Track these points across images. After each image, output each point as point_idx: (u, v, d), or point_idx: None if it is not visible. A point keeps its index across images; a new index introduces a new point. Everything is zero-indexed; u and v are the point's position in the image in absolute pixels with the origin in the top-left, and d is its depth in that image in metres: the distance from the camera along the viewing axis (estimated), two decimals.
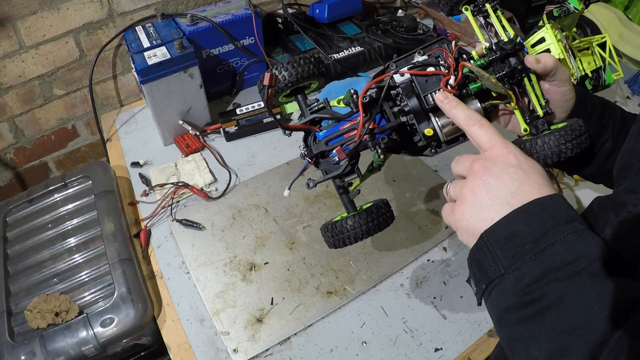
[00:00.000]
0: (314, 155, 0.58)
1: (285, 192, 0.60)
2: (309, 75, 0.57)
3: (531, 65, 0.55)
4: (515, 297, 0.39)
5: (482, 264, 0.43)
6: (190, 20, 1.13)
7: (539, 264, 0.38)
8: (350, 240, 0.56)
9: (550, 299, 0.37)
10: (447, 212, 0.49)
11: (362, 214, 0.55)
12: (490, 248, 0.42)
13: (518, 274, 0.39)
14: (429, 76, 0.54)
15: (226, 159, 1.09)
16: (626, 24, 1.29)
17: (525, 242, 0.40)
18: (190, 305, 0.81)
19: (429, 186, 1.01)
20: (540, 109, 0.56)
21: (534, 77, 0.56)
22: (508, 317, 0.40)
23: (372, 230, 0.56)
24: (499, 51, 0.55)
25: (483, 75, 0.52)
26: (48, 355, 0.71)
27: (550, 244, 0.39)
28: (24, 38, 1.07)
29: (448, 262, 0.87)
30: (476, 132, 0.48)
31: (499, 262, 0.41)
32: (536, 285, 0.38)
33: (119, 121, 1.23)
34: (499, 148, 0.46)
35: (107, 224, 0.87)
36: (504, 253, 0.41)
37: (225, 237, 0.91)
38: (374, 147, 0.54)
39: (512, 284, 0.40)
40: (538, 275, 0.38)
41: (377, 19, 1.47)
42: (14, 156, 1.24)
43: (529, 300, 0.38)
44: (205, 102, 1.12)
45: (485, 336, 0.76)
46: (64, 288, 0.81)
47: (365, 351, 0.74)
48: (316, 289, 0.83)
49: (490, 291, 0.42)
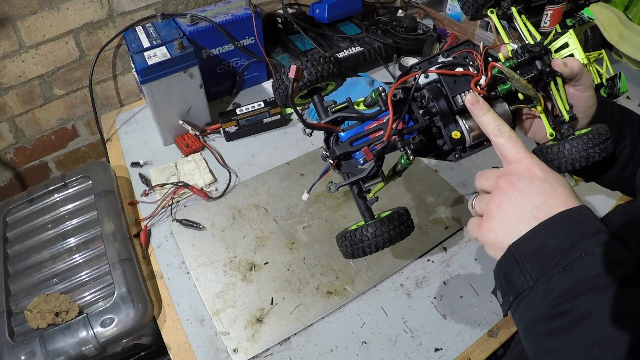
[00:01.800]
0: (336, 157, 0.55)
1: (304, 196, 0.58)
2: (329, 75, 0.54)
3: (559, 69, 0.54)
4: (544, 309, 0.39)
5: (509, 276, 0.43)
6: (190, 20, 1.13)
7: (567, 276, 0.39)
8: (370, 249, 0.54)
9: (579, 312, 0.37)
10: (473, 228, 0.49)
11: (384, 221, 0.53)
12: (518, 260, 0.42)
13: (547, 286, 0.39)
14: (458, 77, 0.53)
15: (226, 159, 1.09)
16: (626, 24, 1.29)
17: (553, 254, 0.40)
18: (190, 305, 0.81)
19: (429, 186, 1.01)
20: (566, 113, 0.56)
21: (559, 81, 0.56)
22: (536, 329, 0.40)
23: (394, 238, 0.53)
24: (527, 53, 0.54)
25: (513, 77, 0.51)
26: (48, 355, 0.71)
27: (578, 256, 0.39)
28: (24, 38, 1.07)
29: (448, 262, 0.87)
30: (503, 144, 0.47)
31: (527, 275, 0.41)
32: (565, 297, 0.38)
33: (119, 121, 1.23)
34: (525, 162, 0.45)
35: (107, 224, 0.87)
36: (532, 265, 0.41)
37: (225, 237, 0.91)
38: (403, 148, 0.52)
39: (541, 296, 0.40)
40: (567, 287, 0.38)
41: (377, 19, 1.47)
42: (14, 156, 1.24)
43: (558, 312, 0.38)
44: (205, 102, 1.12)
45: (485, 336, 0.76)
46: (64, 288, 0.81)
47: (365, 351, 0.74)
48: (316, 289, 0.83)
49: (518, 303, 0.42)
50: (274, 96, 0.58)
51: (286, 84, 0.53)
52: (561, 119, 0.57)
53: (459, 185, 1.01)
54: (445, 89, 0.53)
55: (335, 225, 0.93)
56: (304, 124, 0.52)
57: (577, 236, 0.40)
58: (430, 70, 0.54)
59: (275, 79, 0.56)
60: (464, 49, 0.55)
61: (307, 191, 0.58)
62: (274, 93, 0.57)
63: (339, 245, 0.58)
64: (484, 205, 0.47)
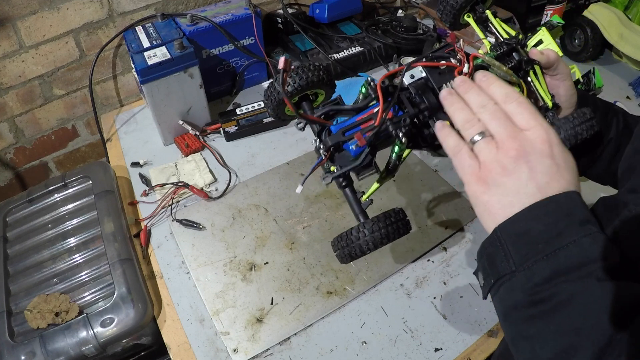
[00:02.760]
0: (329, 147, 0.55)
1: (298, 188, 0.58)
2: (319, 81, 0.56)
3: (535, 57, 0.56)
4: (524, 295, 0.39)
5: (493, 258, 0.43)
6: (190, 20, 1.13)
7: (550, 265, 0.38)
8: (368, 247, 0.53)
9: (559, 299, 0.37)
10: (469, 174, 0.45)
11: (381, 217, 0.53)
12: (502, 243, 0.41)
13: (529, 272, 0.39)
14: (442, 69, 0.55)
15: (226, 159, 1.09)
16: (626, 24, 1.29)
17: (538, 240, 0.40)
18: (190, 305, 0.81)
19: (429, 186, 1.01)
20: (549, 100, 0.58)
21: (538, 70, 0.57)
22: (515, 314, 0.40)
23: (392, 234, 0.53)
24: (505, 46, 0.56)
25: (494, 64, 0.53)
26: (48, 355, 0.71)
27: (563, 245, 0.39)
28: (24, 38, 1.07)
29: (448, 262, 0.87)
30: (514, 109, 0.44)
31: (510, 259, 0.41)
32: (546, 285, 0.38)
33: (119, 121, 1.23)
34: (540, 131, 0.42)
35: (107, 224, 0.87)
36: (516, 250, 0.40)
37: (225, 237, 0.91)
38: (395, 131, 0.52)
39: (522, 282, 0.39)
40: (549, 275, 0.38)
41: (377, 19, 1.47)
42: (14, 156, 1.24)
43: (538, 299, 0.38)
44: (205, 102, 1.12)
45: (485, 336, 0.76)
46: (64, 288, 0.81)
47: (365, 351, 0.74)
48: (316, 289, 0.83)
49: (498, 287, 0.42)
50: (266, 105, 0.59)
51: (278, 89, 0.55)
52: (545, 106, 0.58)
53: (459, 185, 1.01)
54: (431, 82, 0.55)
55: (335, 225, 0.93)
56: (298, 114, 0.54)
57: (564, 224, 0.39)
58: (415, 64, 0.55)
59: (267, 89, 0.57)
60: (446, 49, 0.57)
61: (301, 183, 0.58)
62: (266, 102, 0.59)
63: (335, 250, 0.57)
64: (491, 155, 0.43)
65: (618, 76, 1.31)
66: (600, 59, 1.37)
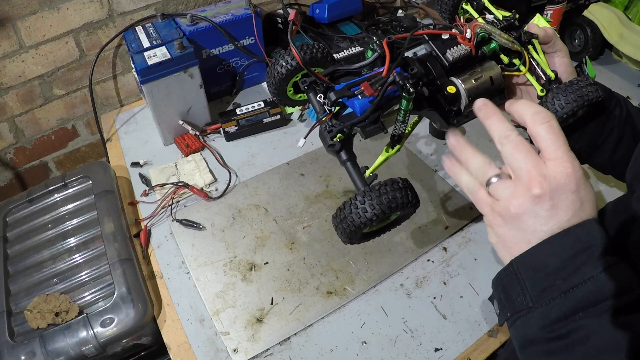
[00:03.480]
0: (334, 100, 0.53)
1: (300, 141, 0.58)
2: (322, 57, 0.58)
3: (534, 30, 0.58)
4: (540, 331, 0.39)
5: (508, 291, 0.42)
6: (190, 20, 1.13)
7: (568, 301, 0.38)
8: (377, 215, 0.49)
9: (576, 336, 0.37)
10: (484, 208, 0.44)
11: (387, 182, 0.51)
12: (519, 277, 0.41)
13: (546, 309, 0.38)
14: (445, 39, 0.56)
15: (226, 159, 1.09)
16: (626, 24, 1.29)
17: (556, 277, 0.39)
18: (190, 305, 0.81)
19: (429, 186, 1.01)
20: (550, 72, 0.59)
21: (537, 44, 0.59)
22: (532, 348, 0.40)
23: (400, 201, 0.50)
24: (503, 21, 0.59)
25: (496, 32, 0.55)
26: (48, 355, 0.71)
27: (582, 282, 0.38)
28: (24, 38, 1.07)
29: (448, 262, 0.87)
30: (543, 134, 0.40)
31: (527, 294, 0.40)
32: (564, 322, 0.37)
33: (119, 121, 1.23)
34: (566, 164, 0.39)
35: (107, 224, 0.87)
36: (532, 285, 0.40)
37: (225, 237, 0.91)
38: (402, 82, 0.50)
39: (538, 319, 0.39)
40: (566, 312, 0.37)
41: (377, 19, 1.47)
42: (14, 156, 1.24)
43: (555, 336, 0.38)
44: (205, 102, 1.12)
45: (485, 336, 0.76)
46: (64, 288, 0.81)
47: (365, 351, 0.74)
48: (316, 289, 0.83)
49: (514, 320, 0.41)
50: (268, 84, 0.60)
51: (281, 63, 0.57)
52: (548, 78, 0.59)
53: (459, 185, 1.01)
54: (435, 50, 0.55)
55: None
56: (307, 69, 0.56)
57: (583, 259, 0.38)
58: (417, 32, 0.56)
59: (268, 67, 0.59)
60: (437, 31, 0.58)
61: (304, 137, 0.58)
62: (267, 81, 0.59)
63: (335, 225, 0.54)
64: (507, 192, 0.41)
65: (618, 76, 1.31)
66: (600, 59, 1.37)
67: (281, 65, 0.58)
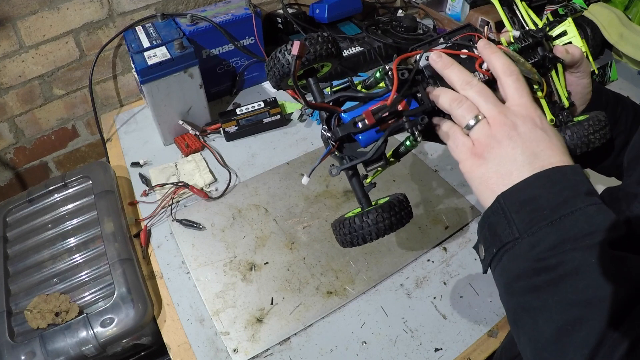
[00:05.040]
0: (339, 138, 0.52)
1: (304, 179, 0.56)
2: (328, 55, 0.52)
3: (561, 55, 0.54)
4: (528, 262, 0.38)
5: (495, 228, 0.41)
6: (190, 20, 1.13)
7: (556, 231, 0.37)
8: (371, 237, 0.51)
9: (565, 268, 0.36)
10: (464, 152, 0.46)
11: (385, 207, 0.51)
12: (505, 211, 0.40)
13: (533, 239, 0.38)
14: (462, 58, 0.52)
15: (226, 159, 1.09)
16: (626, 24, 1.29)
17: (543, 207, 0.38)
18: (190, 305, 0.81)
19: (429, 186, 1.01)
20: (565, 100, 0.56)
21: (560, 68, 0.56)
22: (518, 284, 0.39)
23: (395, 225, 0.51)
24: (530, 38, 0.54)
25: (519, 60, 0.51)
26: (48, 355, 0.71)
27: (569, 212, 0.37)
28: (24, 38, 1.07)
29: (448, 262, 0.87)
30: (512, 84, 0.45)
31: (513, 226, 0.39)
32: (551, 252, 0.36)
33: (119, 121, 1.23)
34: (528, 107, 0.44)
35: (107, 224, 0.87)
36: (520, 217, 0.39)
37: (225, 237, 0.91)
38: (411, 129, 0.50)
39: (526, 249, 0.38)
40: (554, 242, 0.37)
41: (377, 19, 1.47)
42: (14, 156, 1.24)
43: (543, 267, 0.37)
44: (205, 102, 1.12)
45: (485, 336, 0.76)
46: (64, 288, 0.81)
47: (365, 351, 0.74)
48: (316, 289, 0.83)
49: (501, 256, 0.40)
50: (268, 76, 0.55)
51: (283, 62, 0.52)
52: (560, 106, 0.57)
53: (459, 185, 1.01)
54: None
55: None
56: (306, 103, 0.51)
57: (570, 193, 0.38)
58: (434, 49, 0.53)
59: (270, 58, 0.54)
60: (465, 33, 0.54)
61: (308, 175, 0.56)
62: (268, 73, 0.55)
63: (335, 234, 0.55)
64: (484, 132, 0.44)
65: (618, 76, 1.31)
66: (600, 59, 1.37)
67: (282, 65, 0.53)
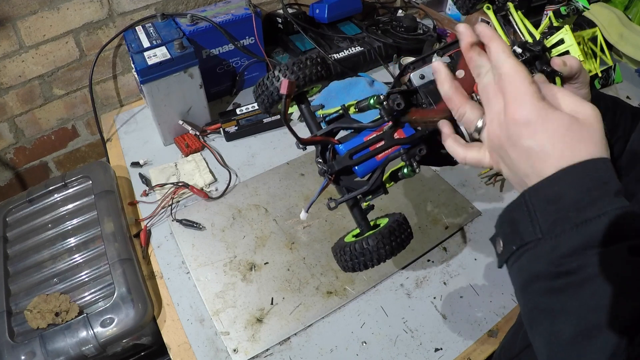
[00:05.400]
0: (335, 172, 0.52)
1: (303, 214, 0.56)
2: (317, 79, 0.52)
3: (558, 68, 0.53)
4: (548, 265, 0.36)
5: (516, 224, 0.40)
6: (190, 20, 1.13)
7: (580, 235, 0.35)
8: (372, 263, 0.51)
9: (587, 272, 0.34)
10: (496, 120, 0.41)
11: (385, 233, 0.51)
12: (530, 208, 0.38)
13: (556, 241, 0.36)
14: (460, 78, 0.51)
15: (226, 159, 1.09)
16: (626, 24, 1.29)
17: (569, 208, 0.36)
18: (190, 305, 0.81)
19: (429, 186, 1.01)
20: None
21: (558, 80, 0.55)
22: (536, 285, 0.37)
23: (396, 249, 0.51)
24: (527, 52, 0.53)
25: None
26: (48, 355, 0.71)
27: (596, 215, 0.36)
28: (24, 38, 1.07)
29: (448, 262, 0.87)
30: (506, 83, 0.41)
31: (537, 225, 0.38)
32: (575, 256, 0.35)
33: (119, 121, 1.23)
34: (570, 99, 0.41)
35: (107, 224, 0.87)
36: (544, 216, 0.37)
37: (225, 237, 0.91)
38: (409, 161, 0.50)
39: (547, 251, 0.37)
40: (578, 246, 0.35)
41: (377, 19, 1.47)
42: (14, 156, 1.24)
43: (564, 270, 0.36)
44: (205, 102, 1.12)
45: (485, 336, 0.76)
46: (64, 288, 0.81)
47: (365, 351, 0.74)
48: (316, 289, 0.83)
49: (520, 254, 0.39)
50: (257, 104, 0.55)
51: (271, 90, 0.51)
52: None
53: (459, 185, 1.01)
54: None
55: (335, 225, 0.93)
56: (300, 141, 0.51)
57: (598, 193, 0.36)
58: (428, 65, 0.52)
59: (258, 85, 0.53)
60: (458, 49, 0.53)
61: (306, 210, 0.55)
62: (257, 100, 0.54)
63: (336, 259, 0.55)
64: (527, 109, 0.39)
65: None
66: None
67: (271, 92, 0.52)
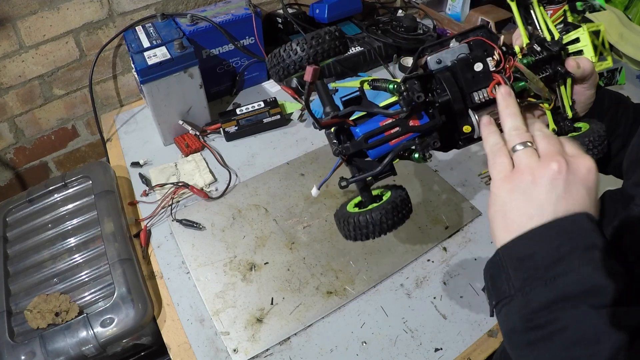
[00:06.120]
0: (350, 154, 0.53)
1: (314, 191, 0.57)
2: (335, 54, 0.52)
3: (572, 70, 0.54)
4: (520, 320, 0.39)
5: (495, 280, 0.43)
6: (190, 20, 1.13)
7: (548, 292, 0.38)
8: (374, 235, 0.52)
9: (554, 327, 0.37)
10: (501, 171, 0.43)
11: (389, 208, 0.52)
12: (504, 266, 0.41)
13: (525, 299, 0.39)
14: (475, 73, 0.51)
15: (226, 159, 1.09)
16: (626, 24, 1.29)
17: (538, 265, 0.39)
18: (190, 305, 0.81)
19: (429, 186, 1.01)
20: (570, 112, 0.56)
21: (569, 81, 0.56)
22: (514, 337, 0.40)
23: (397, 224, 0.53)
24: (545, 51, 0.53)
25: (533, 79, 0.51)
26: (48, 355, 0.71)
27: (563, 272, 0.38)
28: (24, 38, 1.07)
29: (448, 262, 0.87)
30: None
31: (510, 282, 0.40)
32: (543, 312, 0.38)
33: (119, 121, 1.23)
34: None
35: (107, 224, 0.87)
36: (516, 274, 0.40)
37: (225, 237, 0.91)
38: (423, 152, 0.51)
39: (519, 307, 0.39)
40: (545, 303, 0.38)
41: (377, 19, 1.47)
42: (14, 156, 1.24)
43: (534, 325, 0.38)
44: (205, 102, 1.12)
45: (485, 336, 0.76)
46: (64, 288, 0.81)
47: (365, 351, 0.74)
48: (316, 289, 0.83)
49: (500, 308, 0.42)
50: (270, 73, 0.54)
51: (288, 62, 0.51)
52: (564, 115, 0.57)
53: (459, 185, 1.01)
54: (460, 82, 0.52)
55: (335, 225, 0.93)
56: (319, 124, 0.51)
57: (567, 249, 0.38)
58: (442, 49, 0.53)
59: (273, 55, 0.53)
60: (478, 37, 0.53)
61: (318, 187, 0.56)
62: (270, 69, 0.54)
63: (339, 227, 0.56)
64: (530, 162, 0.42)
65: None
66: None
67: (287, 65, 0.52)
